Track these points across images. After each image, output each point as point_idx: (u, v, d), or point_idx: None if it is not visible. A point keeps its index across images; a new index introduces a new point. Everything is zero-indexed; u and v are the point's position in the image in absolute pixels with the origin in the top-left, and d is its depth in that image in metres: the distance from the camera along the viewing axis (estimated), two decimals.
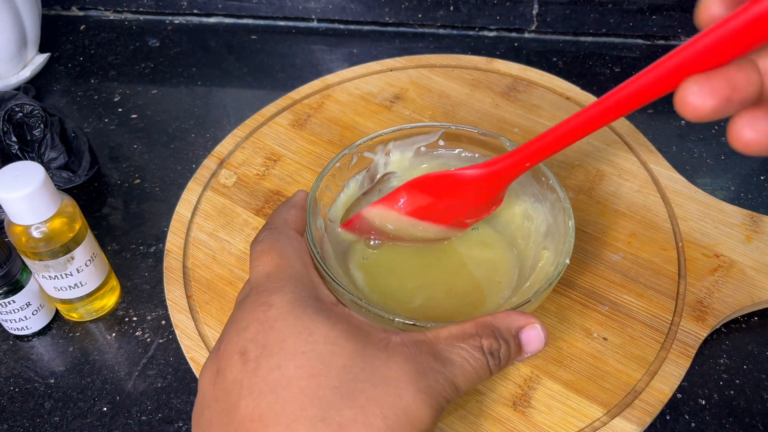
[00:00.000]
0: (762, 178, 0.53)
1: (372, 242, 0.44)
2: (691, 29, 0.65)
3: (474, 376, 0.30)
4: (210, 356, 0.31)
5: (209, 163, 0.52)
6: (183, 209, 0.49)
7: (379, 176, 0.46)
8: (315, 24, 0.69)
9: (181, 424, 0.41)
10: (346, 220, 0.43)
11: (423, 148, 0.46)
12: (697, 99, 0.25)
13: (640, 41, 0.66)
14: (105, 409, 0.41)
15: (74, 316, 0.45)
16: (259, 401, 0.28)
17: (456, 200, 0.41)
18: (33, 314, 0.44)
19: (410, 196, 0.42)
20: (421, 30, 0.68)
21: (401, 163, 0.47)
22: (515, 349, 0.31)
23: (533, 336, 0.32)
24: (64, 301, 0.44)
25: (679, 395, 0.41)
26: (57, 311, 0.46)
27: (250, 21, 0.70)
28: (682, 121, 0.58)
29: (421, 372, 0.28)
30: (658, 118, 0.58)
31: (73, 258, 0.41)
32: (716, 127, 0.57)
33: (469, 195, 0.40)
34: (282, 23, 0.69)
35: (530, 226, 0.44)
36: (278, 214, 0.38)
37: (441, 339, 0.30)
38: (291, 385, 0.28)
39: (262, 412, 0.27)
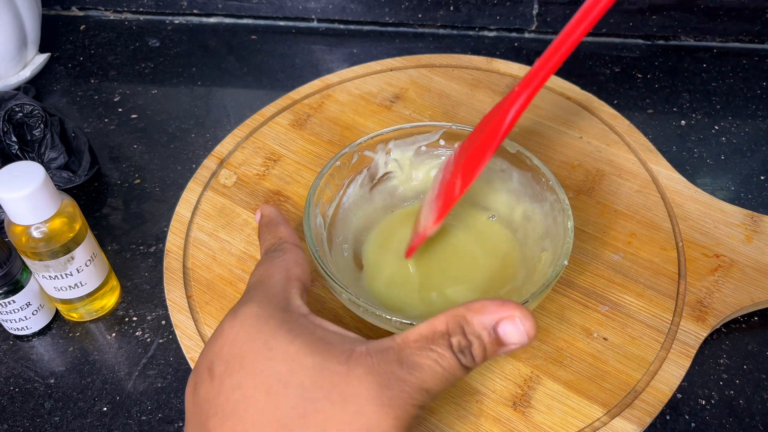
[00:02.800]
0: (762, 178, 0.53)
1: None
2: (691, 29, 0.65)
3: (447, 376, 0.28)
4: (192, 369, 0.31)
5: (209, 163, 0.52)
6: (183, 209, 0.49)
7: (379, 175, 0.46)
8: (315, 24, 0.69)
9: (180, 424, 0.41)
10: (408, 249, 0.43)
11: (423, 148, 0.46)
12: None
13: (640, 41, 0.66)
14: (105, 409, 0.41)
15: (74, 316, 0.45)
16: (224, 423, 0.27)
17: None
18: (33, 314, 0.44)
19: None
20: (421, 30, 0.68)
21: (402, 162, 0.47)
22: (491, 343, 0.28)
23: (510, 330, 0.28)
24: (64, 301, 0.44)
25: (679, 395, 0.41)
26: (57, 311, 0.46)
27: (250, 21, 0.70)
28: (682, 121, 0.58)
29: (384, 383, 0.27)
30: (658, 118, 0.58)
31: (73, 258, 0.41)
32: (716, 127, 0.57)
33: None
34: (282, 23, 0.69)
35: (529, 227, 0.44)
36: (270, 235, 0.37)
37: (410, 342, 0.28)
38: (250, 406, 0.27)
39: None
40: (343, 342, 0.29)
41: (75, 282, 0.42)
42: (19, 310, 0.43)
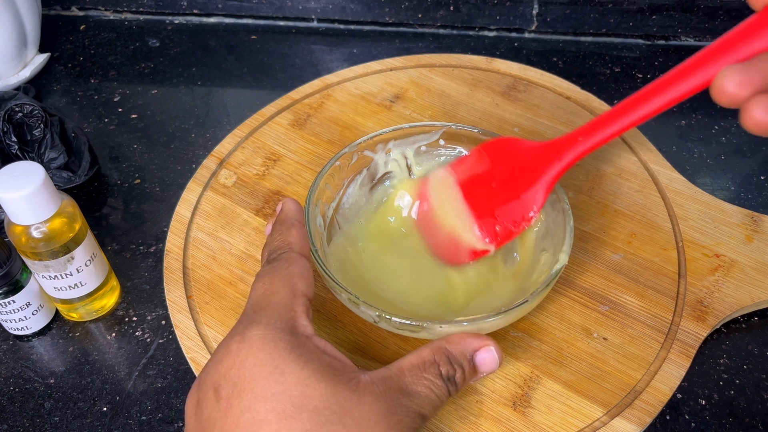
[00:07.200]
0: (762, 178, 0.53)
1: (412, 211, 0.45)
2: (691, 29, 0.65)
3: (438, 402, 0.31)
4: (194, 383, 0.31)
5: (209, 163, 0.52)
6: (183, 209, 0.49)
7: (379, 175, 0.46)
8: (315, 24, 0.69)
9: (180, 425, 0.41)
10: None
11: (423, 148, 0.46)
12: (733, 87, 0.28)
13: (640, 41, 0.66)
14: (105, 409, 0.41)
15: (74, 316, 0.45)
16: None
17: (503, 172, 0.42)
18: (33, 314, 0.44)
19: (474, 158, 0.43)
20: (421, 30, 0.68)
21: (401, 162, 0.47)
22: (470, 371, 0.33)
23: (487, 358, 0.33)
24: (64, 301, 0.44)
25: (679, 395, 0.41)
26: (57, 311, 0.46)
27: (250, 21, 0.70)
28: (683, 121, 0.58)
29: (391, 410, 0.29)
30: (658, 118, 0.57)
31: (73, 258, 0.41)
32: (716, 127, 0.57)
33: (517, 166, 0.41)
34: (282, 23, 0.69)
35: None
36: (280, 237, 0.36)
37: (405, 372, 0.31)
38: (261, 429, 0.28)
39: None
40: (348, 370, 0.31)
41: (75, 282, 0.42)
42: (19, 310, 0.43)
